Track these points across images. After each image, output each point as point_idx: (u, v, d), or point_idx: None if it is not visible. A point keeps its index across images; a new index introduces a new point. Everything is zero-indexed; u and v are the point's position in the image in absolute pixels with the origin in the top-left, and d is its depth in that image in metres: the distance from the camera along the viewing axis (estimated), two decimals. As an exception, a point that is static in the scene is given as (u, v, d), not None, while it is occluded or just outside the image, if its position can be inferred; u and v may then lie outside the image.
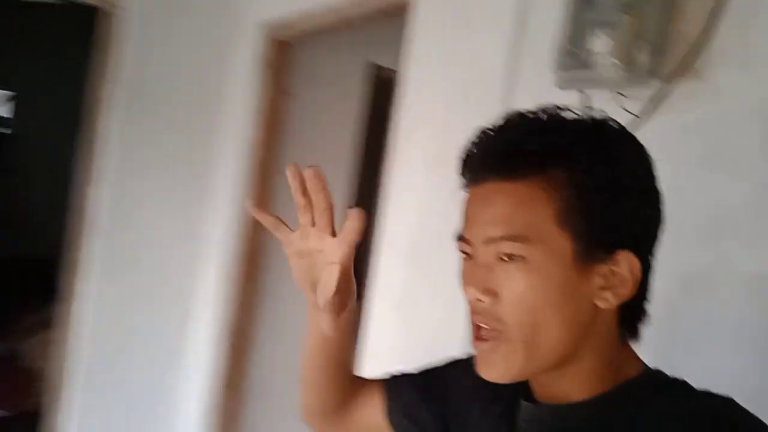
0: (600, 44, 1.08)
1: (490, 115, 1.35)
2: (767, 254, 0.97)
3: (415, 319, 1.56)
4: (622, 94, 1.12)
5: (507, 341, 0.62)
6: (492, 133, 0.64)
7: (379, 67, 2.65)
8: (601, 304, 0.63)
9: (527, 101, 1.32)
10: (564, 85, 1.17)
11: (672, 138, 1.09)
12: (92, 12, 2.34)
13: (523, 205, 0.61)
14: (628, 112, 1.10)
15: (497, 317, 0.63)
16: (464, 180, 0.67)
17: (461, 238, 0.67)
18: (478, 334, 0.65)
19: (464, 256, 0.67)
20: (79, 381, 2.43)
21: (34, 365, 3.36)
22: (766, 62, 0.98)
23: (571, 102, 1.18)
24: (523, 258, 0.61)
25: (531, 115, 0.64)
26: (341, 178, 2.65)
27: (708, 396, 0.61)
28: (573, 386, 0.65)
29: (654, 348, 1.08)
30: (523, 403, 0.69)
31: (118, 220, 2.38)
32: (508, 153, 0.62)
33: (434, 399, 0.81)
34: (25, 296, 3.80)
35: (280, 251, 2.65)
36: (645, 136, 1.08)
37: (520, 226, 0.61)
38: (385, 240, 1.70)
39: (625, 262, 0.62)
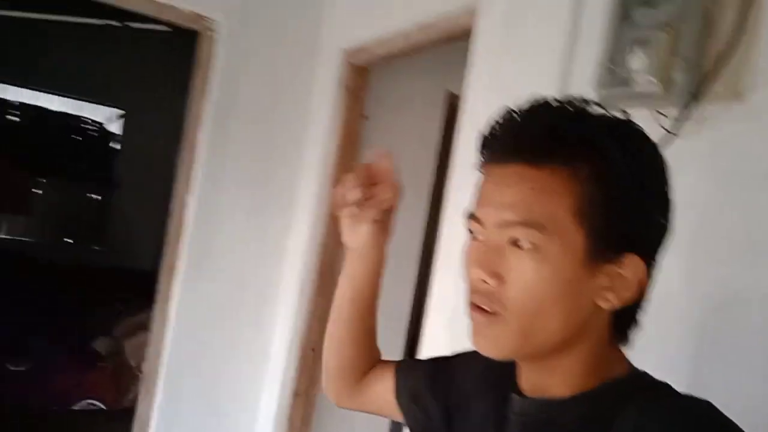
0: (637, 62, 1.09)
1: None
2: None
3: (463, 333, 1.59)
4: (660, 113, 1.12)
5: (504, 323, 0.63)
6: (519, 117, 0.63)
7: (454, 95, 2.72)
8: (602, 304, 0.63)
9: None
10: (605, 102, 1.17)
11: (708, 157, 1.08)
12: (193, 35, 2.58)
13: (543, 194, 0.61)
14: (666, 130, 1.10)
15: (499, 301, 0.63)
16: (484, 159, 0.67)
17: (473, 217, 0.66)
18: (476, 308, 0.65)
19: (472, 235, 0.67)
20: (168, 379, 2.62)
21: (131, 364, 3.64)
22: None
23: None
24: (536, 246, 0.61)
25: (559, 104, 0.63)
26: (415, 202, 2.72)
27: (689, 399, 0.62)
28: (560, 382, 0.67)
29: (684, 369, 1.06)
30: (513, 396, 0.71)
31: (204, 229, 2.57)
32: (536, 139, 0.61)
33: (439, 389, 0.84)
34: (127, 300, 4.15)
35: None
36: (681, 154, 1.09)
37: (538, 213, 0.60)
38: (441, 257, 1.74)
39: (632, 266, 0.62)
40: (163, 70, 5.10)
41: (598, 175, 0.60)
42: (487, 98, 1.64)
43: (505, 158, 0.63)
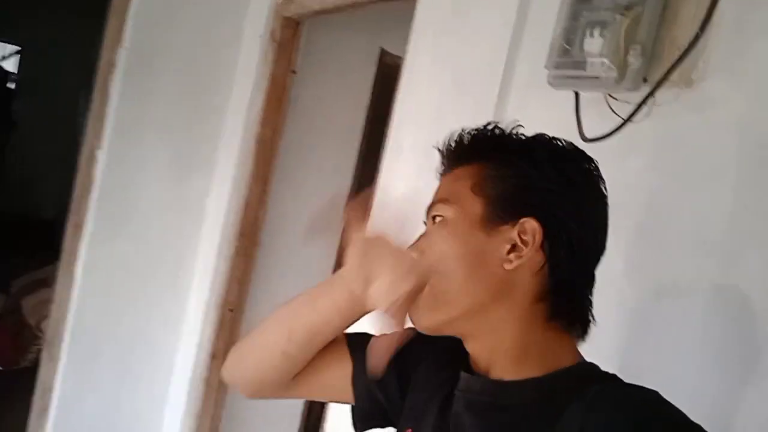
0: (593, 44, 1.07)
1: (482, 108, 1.36)
2: (743, 271, 0.96)
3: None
4: (612, 96, 1.11)
5: (425, 293, 0.71)
6: (460, 136, 0.78)
7: (389, 54, 2.64)
8: (506, 266, 0.70)
9: (520, 97, 1.34)
10: (556, 83, 1.16)
11: (657, 143, 1.08)
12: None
13: (453, 180, 0.75)
14: (616, 114, 1.09)
15: (421, 272, 0.71)
16: (441, 173, 0.81)
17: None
18: None
19: None
20: (74, 340, 2.47)
21: (31, 322, 3.42)
22: (754, 75, 0.97)
23: (561, 100, 1.18)
24: (444, 218, 0.73)
25: (488, 127, 0.77)
26: (344, 162, 2.65)
27: (638, 389, 0.64)
28: (503, 362, 0.70)
29: (622, 350, 1.08)
30: (462, 374, 0.74)
31: (116, 185, 2.41)
32: (464, 148, 0.77)
33: (399, 364, 0.82)
34: (26, 253, 3.87)
35: (278, 228, 2.67)
36: (631, 139, 1.09)
37: (448, 192, 0.75)
38: (376, 227, 1.70)
39: (529, 228, 0.70)
40: (69, 6, 4.63)
41: (490, 162, 0.73)
42: (430, 63, 1.59)
43: (444, 169, 0.79)
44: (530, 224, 0.70)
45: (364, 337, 0.88)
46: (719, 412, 0.96)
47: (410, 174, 1.58)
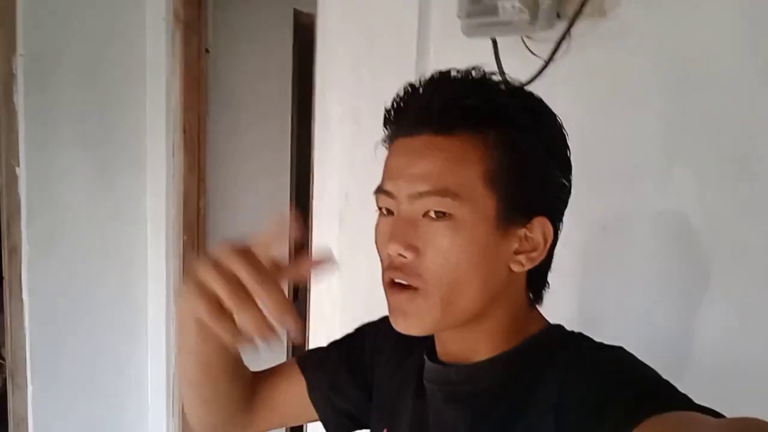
0: (501, -12, 1.03)
1: (402, 64, 1.32)
2: (678, 191, 0.97)
3: (356, 280, 1.55)
4: (529, 37, 1.09)
5: (425, 296, 0.62)
6: (423, 89, 0.63)
7: (303, 13, 2.54)
8: (515, 268, 0.64)
9: (439, 50, 1.29)
10: (471, 32, 1.13)
11: (580, 78, 1.07)
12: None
13: (455, 162, 0.60)
14: (536, 55, 1.07)
15: (417, 273, 0.62)
16: (391, 132, 0.66)
17: (383, 192, 0.64)
18: (394, 286, 0.63)
19: (384, 211, 0.65)
20: (37, 366, 2.39)
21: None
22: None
23: (480, 49, 1.15)
24: (451, 216, 0.60)
25: (463, 75, 0.63)
26: (276, 136, 2.58)
27: (604, 347, 0.63)
28: (479, 346, 0.66)
29: (579, 292, 1.09)
30: (428, 363, 0.70)
31: (43, 202, 2.28)
32: (444, 108, 0.60)
33: (357, 370, 0.81)
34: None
35: (222, 215, 2.59)
36: (554, 77, 1.07)
37: (451, 182, 0.60)
38: (318, 200, 1.66)
39: (540, 228, 0.63)
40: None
41: (507, 142, 0.61)
42: (342, 23, 1.52)
43: (414, 129, 0.62)
44: (545, 226, 0.64)
45: (314, 354, 0.86)
46: (673, 334, 0.99)
47: (340, 141, 1.53)
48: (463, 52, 1.22)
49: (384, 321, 0.83)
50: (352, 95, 1.47)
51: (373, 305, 0.75)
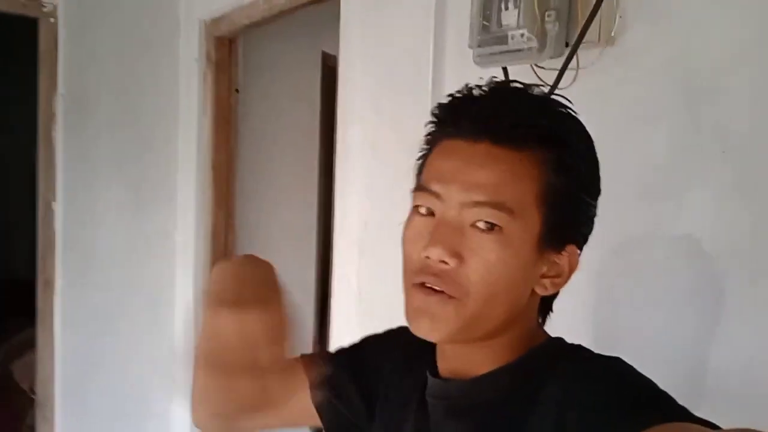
0: (510, 17, 1.06)
1: (419, 95, 1.35)
2: (694, 211, 0.97)
3: (374, 309, 1.56)
4: (540, 66, 1.11)
5: (459, 305, 0.60)
6: (488, 97, 0.62)
7: (331, 56, 2.62)
8: (539, 290, 0.64)
9: (455, 80, 1.33)
10: (482, 62, 1.15)
11: (591, 104, 1.06)
12: (33, 24, 2.30)
13: (514, 177, 0.60)
14: (545, 83, 1.09)
15: (458, 282, 0.60)
16: (440, 131, 0.64)
17: (429, 191, 0.62)
18: (423, 287, 0.61)
19: (423, 210, 0.63)
20: (65, 399, 2.43)
21: (24, 386, 3.35)
22: (670, 19, 0.98)
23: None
24: (501, 229, 0.59)
25: (526, 90, 0.64)
26: (303, 172, 2.63)
27: (603, 358, 0.62)
28: (482, 360, 0.65)
29: (595, 315, 1.08)
30: (431, 379, 0.69)
31: (79, 235, 2.37)
32: (515, 123, 0.60)
33: (361, 378, 0.80)
34: (7, 317, 3.79)
35: (249, 249, 2.64)
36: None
37: (508, 196, 0.59)
38: (339, 231, 1.69)
39: (569, 256, 0.63)
40: (8, 64, 4.51)
41: (563, 165, 0.61)
42: (361, 59, 1.57)
43: (472, 135, 0.61)
44: (574, 255, 0.64)
45: (321, 355, 0.85)
46: (694, 354, 0.97)
47: (363, 171, 1.57)
48: (475, 82, 1.25)
49: (388, 336, 0.83)
50: (372, 127, 1.51)
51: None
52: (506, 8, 1.06)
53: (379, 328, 1.54)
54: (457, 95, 0.63)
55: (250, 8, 2.03)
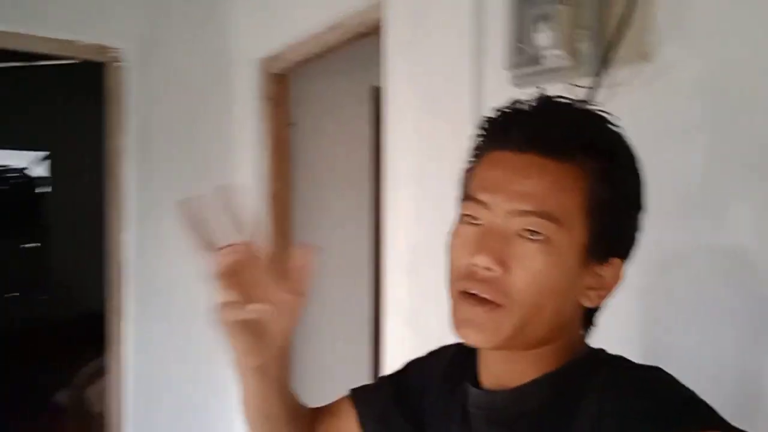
0: (543, 38, 1.09)
1: (458, 122, 1.38)
2: (734, 226, 0.95)
3: (426, 330, 1.57)
4: (574, 84, 1.12)
5: (505, 313, 0.62)
6: (537, 110, 0.64)
7: (379, 89, 2.69)
8: (584, 302, 0.65)
9: (492, 103, 1.35)
10: (519, 82, 1.17)
11: (627, 120, 1.06)
12: (100, 68, 2.48)
13: (560, 187, 0.61)
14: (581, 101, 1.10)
15: (503, 290, 0.61)
16: (488, 143, 0.66)
17: (476, 201, 0.64)
18: (469, 297, 0.63)
19: (470, 219, 0.65)
20: (135, 426, 2.53)
21: (97, 411, 3.50)
22: (703, 32, 0.98)
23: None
24: (547, 239, 0.61)
25: (574, 104, 0.67)
26: (356, 201, 2.69)
27: (643, 367, 0.63)
28: (525, 369, 0.66)
29: (641, 332, 1.07)
30: (473, 390, 0.70)
31: (147, 266, 2.48)
32: (564, 136, 0.62)
33: (406, 404, 0.82)
34: (82, 346, 3.98)
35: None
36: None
37: (554, 206, 0.61)
38: (388, 255, 1.72)
39: (614, 269, 0.65)
40: (80, 105, 4.85)
41: (610, 178, 0.62)
42: (405, 89, 1.62)
43: (521, 147, 0.63)
44: (619, 268, 0.65)
45: (365, 386, 0.88)
46: (740, 373, 0.94)
47: (410, 197, 1.60)
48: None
49: (429, 356, 0.86)
50: (416, 154, 1.55)
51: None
52: (539, 29, 1.09)
53: (433, 346, 1.56)
54: (506, 109, 0.66)
55: (301, 46, 2.12)
